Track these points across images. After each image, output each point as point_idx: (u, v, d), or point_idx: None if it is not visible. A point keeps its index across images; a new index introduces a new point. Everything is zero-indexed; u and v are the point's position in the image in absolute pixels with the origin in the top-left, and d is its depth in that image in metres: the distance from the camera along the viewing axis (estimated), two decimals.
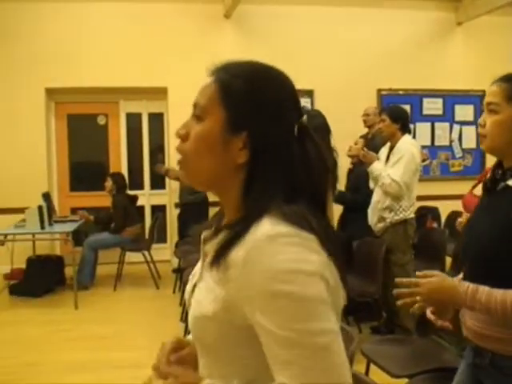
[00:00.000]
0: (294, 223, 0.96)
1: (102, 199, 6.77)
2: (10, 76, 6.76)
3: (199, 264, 1.15)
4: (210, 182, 1.11)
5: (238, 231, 0.99)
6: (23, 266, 6.10)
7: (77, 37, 6.81)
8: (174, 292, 5.76)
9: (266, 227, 0.96)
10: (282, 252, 0.94)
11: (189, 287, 1.16)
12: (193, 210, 6.29)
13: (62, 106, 7.26)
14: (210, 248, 1.08)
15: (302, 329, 0.91)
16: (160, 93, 7.08)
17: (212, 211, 6.32)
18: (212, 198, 6.23)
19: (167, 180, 7.21)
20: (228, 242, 1.00)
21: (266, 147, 1.03)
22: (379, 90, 7.38)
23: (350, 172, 5.12)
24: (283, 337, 0.92)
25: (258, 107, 1.05)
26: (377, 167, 4.14)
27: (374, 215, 4.29)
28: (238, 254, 0.97)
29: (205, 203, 6.27)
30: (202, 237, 1.15)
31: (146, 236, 6.65)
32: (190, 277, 1.18)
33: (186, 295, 1.17)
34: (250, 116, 1.04)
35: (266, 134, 1.04)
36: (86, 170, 7.49)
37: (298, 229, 0.96)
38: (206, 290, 1.06)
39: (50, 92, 7.00)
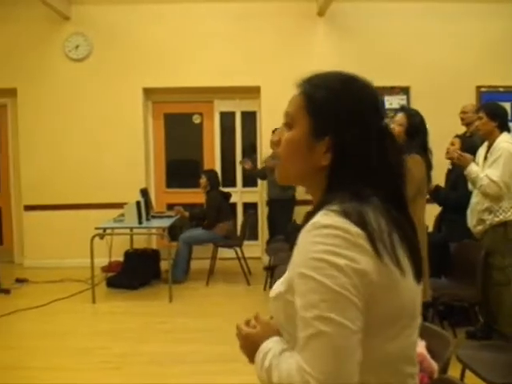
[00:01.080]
0: (346, 217, 1.06)
1: (196, 196, 6.95)
2: (109, 76, 7.07)
3: None
4: (298, 182, 1.31)
5: (306, 220, 1.12)
6: (121, 259, 6.37)
7: (174, 38, 7.02)
8: (264, 289, 5.80)
9: (318, 217, 1.08)
10: (321, 242, 1.04)
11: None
12: (280, 207, 6.33)
13: (159, 106, 7.50)
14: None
15: (316, 315, 1.00)
16: (253, 92, 7.15)
17: (298, 210, 6.35)
18: (300, 196, 6.30)
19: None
20: (298, 230, 1.13)
21: (347, 150, 1.15)
22: (478, 87, 7.06)
23: (450, 172, 4.94)
24: (302, 317, 1.03)
25: (339, 114, 1.17)
26: (473, 170, 3.96)
27: (473, 217, 4.11)
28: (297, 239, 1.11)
29: (292, 201, 6.29)
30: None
31: (238, 233, 6.74)
32: None
33: None
34: (332, 123, 1.17)
35: (347, 139, 1.15)
36: (181, 168, 7.72)
37: (348, 223, 1.05)
38: (283, 274, 1.20)
39: (148, 92, 7.26)
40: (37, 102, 7.17)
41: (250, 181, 7.51)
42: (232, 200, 6.96)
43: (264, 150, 7.02)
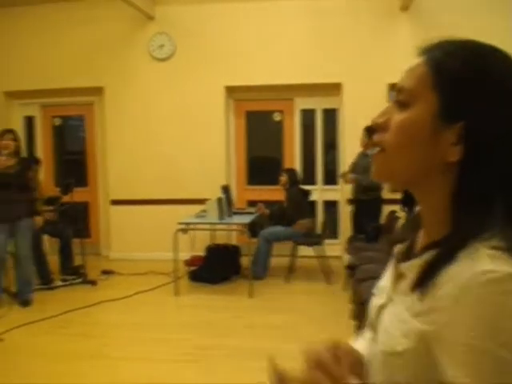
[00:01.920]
0: None
1: (276, 193, 6.96)
2: (192, 75, 7.20)
3: (388, 281, 0.98)
4: (409, 182, 0.91)
5: (446, 256, 0.80)
6: (203, 253, 6.48)
7: (255, 35, 7.05)
8: (344, 289, 5.73)
9: (485, 263, 0.74)
10: (507, 304, 0.72)
11: (375, 305, 1.00)
12: (367, 208, 6.19)
13: (241, 104, 7.57)
14: (407, 269, 0.90)
15: None
16: (334, 89, 7.07)
17: (385, 209, 6.20)
18: (388, 195, 6.15)
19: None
20: (435, 268, 0.80)
21: (487, 144, 0.81)
22: None
23: None
24: None
25: (479, 93, 0.83)
26: None
27: None
28: (446, 286, 0.77)
29: (379, 201, 6.15)
30: (395, 251, 0.99)
31: (319, 231, 6.69)
32: (375, 290, 1.02)
33: (372, 313, 1.01)
34: (469, 103, 0.83)
35: (488, 127, 0.82)
36: (261, 165, 7.75)
37: None
38: (397, 319, 0.87)
39: (230, 90, 7.33)
40: (122, 101, 7.42)
41: (330, 179, 7.43)
42: (312, 198, 6.92)
43: (344, 148, 6.93)
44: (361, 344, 1.06)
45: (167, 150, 7.29)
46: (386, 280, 0.99)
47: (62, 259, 6.43)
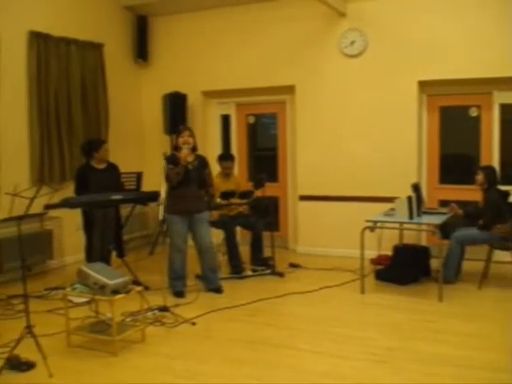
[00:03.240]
0: None
1: (470, 193, 6.57)
2: (384, 71, 7.05)
3: None
4: None
5: None
6: (389, 252, 6.33)
7: (450, 26, 6.69)
8: None
9: None
10: None
11: None
12: None
13: (434, 99, 7.24)
14: None
15: None
16: None
17: None
18: None
19: None
20: None
21: None
22: None
23: None
24: None
25: None
26: None
27: None
28: None
29: None
30: None
31: None
32: None
33: None
34: None
35: None
36: (455, 163, 7.36)
37: None
38: None
39: (423, 85, 7.05)
40: (313, 98, 7.53)
41: None
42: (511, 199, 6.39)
43: None
44: None
45: (356, 147, 7.25)
46: None
47: (253, 250, 6.72)
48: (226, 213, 6.40)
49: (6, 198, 4.47)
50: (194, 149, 5.57)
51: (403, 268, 5.97)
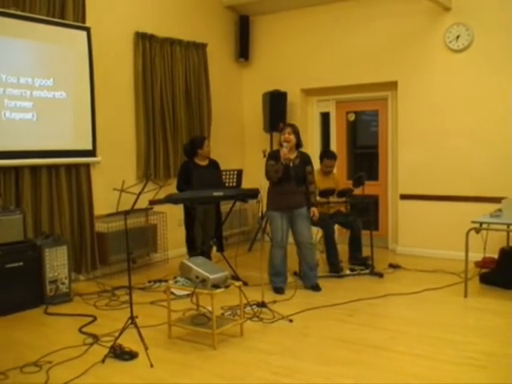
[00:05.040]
0: None
1: None
2: (490, 65, 6.73)
3: None
4: None
5: None
6: (495, 255, 6.05)
7: None
8: None
9: None
10: None
11: None
12: None
13: None
14: None
15: None
16: None
17: None
18: None
19: None
20: None
21: None
22: None
23: None
24: None
25: None
26: None
27: None
28: None
29: None
30: None
31: None
32: None
33: None
34: None
35: None
36: None
37: None
38: None
39: None
40: (415, 94, 7.33)
41: None
42: None
43: None
44: None
45: (461, 145, 6.97)
46: None
47: (352, 249, 6.65)
48: (324, 211, 6.37)
49: (114, 194, 4.71)
50: (297, 146, 5.58)
51: (510, 272, 5.68)
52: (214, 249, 6.52)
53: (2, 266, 5.10)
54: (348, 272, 6.36)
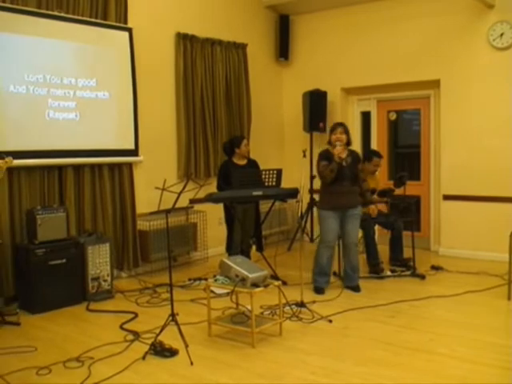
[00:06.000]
0: None
1: None
2: None
3: None
4: None
5: None
6: None
7: None
8: None
9: None
10: None
11: None
12: None
13: None
14: None
15: None
16: None
17: None
18: None
19: None
20: None
21: None
22: None
23: None
24: None
25: None
26: None
27: None
28: None
29: None
30: None
31: None
32: None
33: None
34: None
35: None
36: None
37: None
38: None
39: None
40: (458, 92, 7.18)
41: None
42: None
43: None
44: None
45: (505, 145, 6.79)
46: None
47: (393, 250, 6.57)
48: (364, 211, 6.30)
49: (155, 193, 4.77)
50: (347, 144, 5.55)
51: None
52: (254, 248, 6.53)
53: (46, 263, 5.22)
54: (389, 273, 6.28)
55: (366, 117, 8.46)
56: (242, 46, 7.93)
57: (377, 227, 6.76)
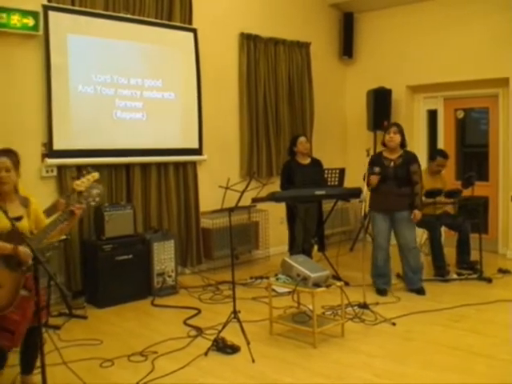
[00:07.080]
0: None
1: None
2: None
3: None
4: None
5: None
6: None
7: None
8: None
9: None
10: None
11: None
12: None
13: None
14: None
15: None
16: None
17: None
18: None
19: None
20: None
21: None
22: None
23: None
24: None
25: None
26: None
27: None
28: None
29: None
30: None
31: None
32: None
33: None
34: None
35: None
36: None
37: None
38: None
39: None
40: None
41: None
42: None
43: None
44: None
45: None
46: None
47: (459, 253, 6.41)
48: (430, 212, 6.15)
49: (218, 191, 4.83)
50: (402, 145, 5.46)
51: None
52: (316, 248, 6.51)
53: (113, 259, 5.37)
54: (455, 276, 6.11)
55: (432, 115, 8.27)
56: (306, 45, 7.91)
57: (443, 229, 6.59)
